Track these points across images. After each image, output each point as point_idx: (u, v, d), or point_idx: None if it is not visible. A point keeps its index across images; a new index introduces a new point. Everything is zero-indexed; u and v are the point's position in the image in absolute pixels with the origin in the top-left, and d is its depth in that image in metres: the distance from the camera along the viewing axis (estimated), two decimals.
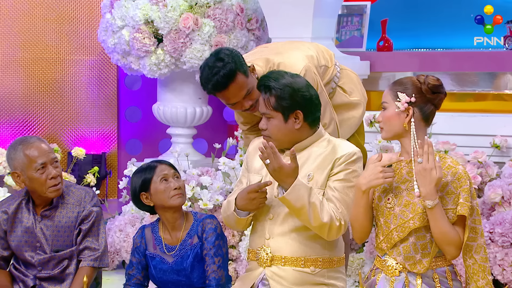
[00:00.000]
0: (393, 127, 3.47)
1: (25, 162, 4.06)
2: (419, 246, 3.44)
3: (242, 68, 4.05)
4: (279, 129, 3.72)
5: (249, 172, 3.88)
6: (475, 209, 3.42)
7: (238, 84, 4.04)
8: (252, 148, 3.92)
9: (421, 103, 3.44)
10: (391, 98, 3.46)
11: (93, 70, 7.63)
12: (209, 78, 4.03)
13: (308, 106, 3.70)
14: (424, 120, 3.46)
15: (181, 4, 6.27)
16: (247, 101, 4.11)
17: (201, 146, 7.67)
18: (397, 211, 3.45)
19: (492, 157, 5.36)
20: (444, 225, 3.36)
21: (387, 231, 3.47)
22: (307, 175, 3.70)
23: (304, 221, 3.61)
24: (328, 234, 3.63)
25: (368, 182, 3.43)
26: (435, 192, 3.33)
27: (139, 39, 6.34)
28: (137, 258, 4.11)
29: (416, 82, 3.45)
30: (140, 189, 4.04)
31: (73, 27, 7.57)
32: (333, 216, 3.61)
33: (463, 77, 6.36)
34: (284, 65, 4.25)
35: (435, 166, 3.32)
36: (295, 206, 3.57)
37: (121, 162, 7.62)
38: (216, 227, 4.02)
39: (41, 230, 4.14)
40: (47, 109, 7.58)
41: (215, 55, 4.06)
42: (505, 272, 4.79)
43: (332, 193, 3.67)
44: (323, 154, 3.73)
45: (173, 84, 6.77)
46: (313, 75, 4.27)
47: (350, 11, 6.96)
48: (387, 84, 6.61)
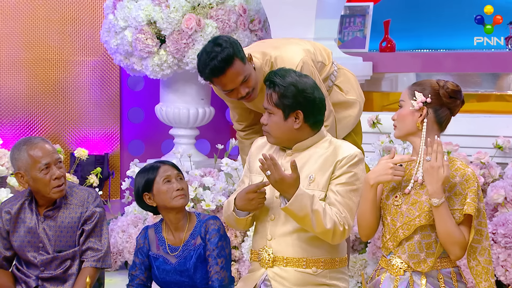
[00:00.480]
0: (406, 125, 3.49)
1: (29, 163, 4.06)
2: (424, 244, 3.44)
3: (240, 54, 4.08)
4: (278, 126, 3.71)
5: (251, 172, 3.87)
6: (482, 211, 3.43)
7: (236, 70, 4.06)
8: (254, 148, 3.91)
9: (436, 105, 3.46)
10: (408, 97, 3.50)
11: (96, 71, 7.63)
12: (207, 63, 4.05)
13: (309, 108, 3.68)
14: (438, 123, 3.48)
15: (184, 5, 6.26)
16: (243, 88, 4.13)
17: (203, 147, 7.67)
18: (404, 209, 3.46)
19: (495, 158, 5.35)
20: (450, 225, 3.37)
21: (394, 229, 3.48)
22: (308, 177, 3.68)
23: (308, 228, 3.60)
24: (332, 239, 3.62)
25: (376, 177, 3.45)
26: (441, 190, 3.34)
27: (141, 40, 6.33)
28: (140, 258, 4.11)
29: (435, 84, 3.48)
30: (143, 190, 4.04)
31: (76, 28, 7.57)
32: (336, 222, 3.60)
33: (465, 78, 6.35)
34: (281, 58, 4.26)
35: (443, 164, 3.34)
36: (299, 215, 3.56)
37: (124, 162, 7.62)
38: (219, 228, 4.01)
39: (44, 231, 4.14)
40: (50, 110, 7.58)
41: (213, 41, 4.09)
42: (508, 273, 4.78)
43: (335, 197, 3.65)
44: (324, 155, 3.71)
45: (176, 85, 6.77)
46: (311, 68, 4.27)
47: (353, 12, 6.96)
48: (389, 85, 6.63)
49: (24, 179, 4.09)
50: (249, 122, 4.60)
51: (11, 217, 4.16)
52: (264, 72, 4.23)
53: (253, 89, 4.17)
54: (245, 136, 4.62)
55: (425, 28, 7.05)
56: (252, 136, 4.58)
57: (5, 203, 4.23)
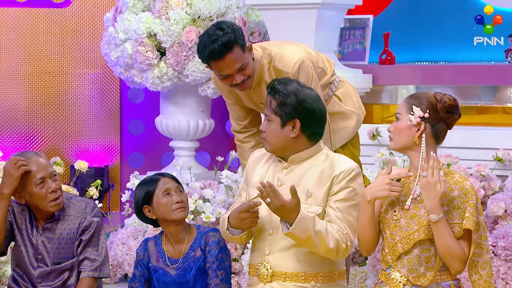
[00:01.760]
0: (402, 139, 3.46)
1: (24, 178, 4.03)
2: (423, 258, 3.42)
3: (241, 41, 4.09)
4: (275, 133, 3.67)
5: (248, 186, 3.82)
6: (482, 224, 3.40)
7: (234, 56, 4.07)
8: (251, 161, 3.87)
9: (433, 120, 3.43)
10: (405, 110, 3.46)
11: (96, 83, 7.62)
12: (207, 45, 4.06)
13: (307, 118, 3.65)
14: (435, 137, 3.45)
15: (184, 18, 6.26)
16: (239, 76, 4.13)
17: (203, 159, 7.66)
18: (402, 223, 3.44)
19: (495, 170, 5.34)
20: (449, 240, 3.34)
21: (392, 243, 3.45)
22: (305, 192, 3.66)
23: (311, 248, 3.57)
24: (336, 256, 3.60)
25: (373, 193, 3.43)
26: (439, 206, 3.32)
27: (142, 52, 6.33)
28: (140, 270, 4.09)
29: (432, 98, 3.44)
30: (142, 202, 4.02)
31: (76, 40, 7.57)
32: (339, 239, 3.56)
33: (465, 90, 6.35)
34: (281, 54, 4.27)
35: (439, 180, 3.32)
36: (302, 238, 3.52)
37: (124, 175, 7.60)
38: (219, 240, 3.99)
39: (43, 243, 4.11)
40: (50, 122, 7.58)
41: (216, 25, 4.11)
42: (508, 286, 4.76)
43: (335, 214, 3.61)
44: (321, 169, 3.67)
45: (176, 97, 6.76)
46: (309, 68, 4.28)
47: (353, 25, 6.96)
48: (389, 97, 6.63)
49: (20, 195, 4.07)
50: (247, 123, 4.59)
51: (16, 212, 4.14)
52: (263, 65, 4.26)
53: (249, 78, 4.18)
54: (244, 139, 4.61)
55: (425, 40, 7.05)
56: (251, 140, 4.59)
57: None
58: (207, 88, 6.49)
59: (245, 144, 4.61)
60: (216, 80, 4.39)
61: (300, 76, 4.25)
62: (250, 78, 4.20)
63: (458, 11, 6.98)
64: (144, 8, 6.50)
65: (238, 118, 4.57)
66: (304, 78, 4.25)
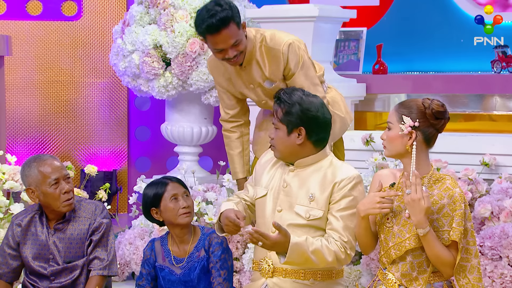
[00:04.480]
0: (395, 148, 3.44)
1: (39, 178, 4.04)
2: (415, 264, 3.41)
3: (237, 19, 4.13)
4: (282, 141, 3.69)
5: (256, 185, 3.84)
6: (470, 230, 3.38)
7: (230, 32, 4.10)
8: (262, 162, 3.88)
9: (424, 127, 3.40)
10: (396, 119, 3.43)
11: (105, 92, 7.62)
12: (205, 19, 4.09)
13: (312, 126, 3.66)
14: (426, 142, 3.43)
15: (188, 30, 6.27)
16: (232, 51, 4.17)
17: (206, 164, 7.65)
18: (395, 230, 3.42)
19: (482, 174, 5.34)
20: (438, 249, 3.33)
21: (386, 247, 3.44)
22: (308, 196, 3.66)
23: (312, 266, 3.58)
24: (337, 265, 3.63)
25: (365, 210, 3.42)
26: (425, 220, 3.30)
27: (148, 63, 6.33)
28: (147, 269, 4.09)
29: (421, 106, 3.39)
30: (150, 204, 4.02)
31: (86, 51, 7.57)
32: (337, 250, 3.57)
33: (453, 99, 6.35)
34: (272, 35, 4.31)
35: (422, 196, 3.30)
36: (300, 262, 3.54)
37: (131, 178, 7.60)
38: (222, 242, 3.99)
39: (54, 243, 4.11)
40: (62, 129, 7.58)
41: (215, 1, 4.13)
42: (495, 283, 4.76)
43: (337, 222, 3.61)
44: (324, 174, 3.67)
45: (180, 105, 6.76)
46: (300, 51, 4.30)
47: (347, 37, 6.97)
48: (382, 105, 6.63)
49: (34, 194, 4.07)
50: (235, 112, 4.60)
51: (21, 230, 4.14)
52: (255, 44, 4.29)
53: (240, 53, 4.21)
54: (231, 128, 4.62)
55: (416, 52, 7.06)
56: (236, 130, 4.62)
57: (16, 216, 4.20)
58: (210, 96, 6.49)
59: (232, 134, 4.63)
60: (211, 64, 4.44)
61: (290, 57, 4.27)
62: (242, 54, 4.24)
63: (447, 24, 6.99)
64: (151, 21, 6.50)
65: (227, 106, 4.58)
66: (295, 60, 4.28)
